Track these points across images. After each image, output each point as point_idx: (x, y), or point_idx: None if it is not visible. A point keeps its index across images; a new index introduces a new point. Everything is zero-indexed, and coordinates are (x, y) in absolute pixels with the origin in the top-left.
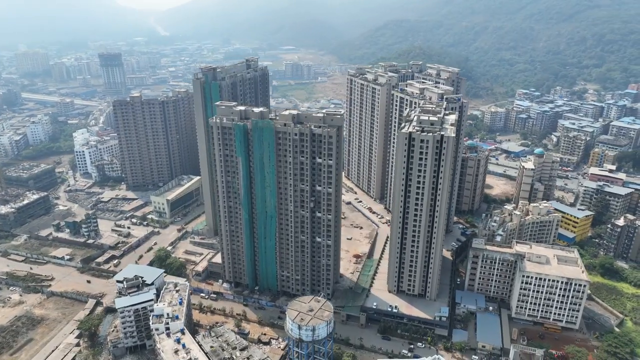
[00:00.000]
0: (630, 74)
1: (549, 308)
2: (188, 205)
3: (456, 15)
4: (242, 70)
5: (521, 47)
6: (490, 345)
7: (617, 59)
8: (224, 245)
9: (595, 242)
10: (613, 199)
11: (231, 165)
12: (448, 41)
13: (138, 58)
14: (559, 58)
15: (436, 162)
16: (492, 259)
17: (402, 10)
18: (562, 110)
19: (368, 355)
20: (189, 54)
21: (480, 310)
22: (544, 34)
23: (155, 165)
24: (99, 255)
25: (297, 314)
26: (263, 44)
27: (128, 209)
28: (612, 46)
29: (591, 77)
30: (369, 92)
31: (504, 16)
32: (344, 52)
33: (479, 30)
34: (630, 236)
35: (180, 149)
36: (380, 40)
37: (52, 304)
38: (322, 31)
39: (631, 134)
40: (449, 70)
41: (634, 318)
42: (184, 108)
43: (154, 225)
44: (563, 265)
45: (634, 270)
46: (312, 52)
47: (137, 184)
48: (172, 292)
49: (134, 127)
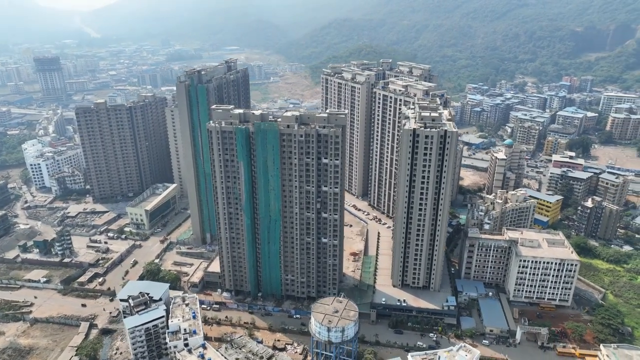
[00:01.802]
0: (561, 67)
1: (543, 289)
2: (166, 214)
3: (397, 13)
4: (223, 72)
5: (461, 43)
6: (497, 329)
7: (547, 53)
8: (224, 253)
9: (565, 224)
10: (576, 183)
11: (231, 170)
12: (392, 39)
13: (75, 62)
14: (497, 54)
15: (439, 157)
16: (487, 247)
17: (345, 9)
18: (512, 103)
19: (385, 350)
20: (127, 56)
21: (481, 296)
22: (481, 31)
23: (124, 175)
24: (80, 274)
25: (323, 316)
26: (205, 44)
27: (101, 223)
28: (542, 42)
29: (527, 71)
30: (347, 90)
31: (443, 14)
32: (291, 52)
33: (420, 28)
34: (598, 216)
35: (150, 157)
36: (326, 39)
37: (39, 332)
38: (265, 31)
39: (575, 122)
40: (420, 67)
41: (613, 291)
42: (152, 113)
43: (133, 238)
44: (553, 247)
45: (604, 247)
46: (258, 52)
47: (105, 196)
48: (182, 306)
49: (99, 136)
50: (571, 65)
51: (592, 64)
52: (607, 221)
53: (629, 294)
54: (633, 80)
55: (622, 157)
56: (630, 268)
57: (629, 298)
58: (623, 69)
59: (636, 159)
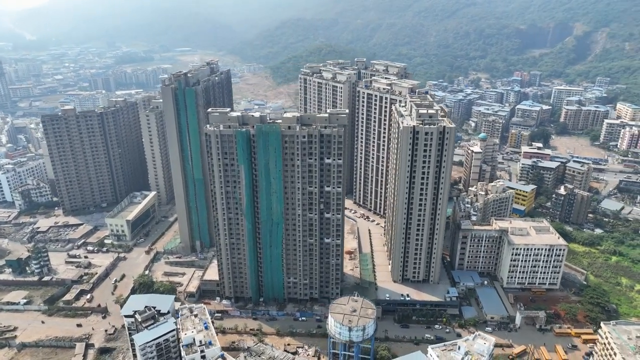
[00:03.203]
0: (510, 63)
1: (534, 274)
2: (146, 224)
3: (350, 13)
4: (207, 74)
5: (415, 42)
6: (498, 316)
7: (497, 50)
8: (223, 260)
9: (539, 211)
10: (546, 172)
11: (231, 175)
12: (347, 38)
13: (15, 66)
14: (450, 51)
15: (438, 152)
16: (479, 237)
17: (296, 9)
18: (473, 98)
19: (395, 345)
20: (72, 59)
21: (478, 285)
22: (433, 29)
23: (97, 184)
24: (64, 292)
25: (342, 316)
26: (154, 45)
27: (77, 237)
28: (491, 39)
29: (480, 67)
30: (328, 90)
31: (395, 13)
32: (246, 52)
33: (374, 27)
34: (570, 202)
35: (124, 164)
36: (282, 39)
37: (29, 357)
38: (215, 31)
39: (533, 115)
40: (397, 65)
41: (593, 272)
42: (124, 119)
43: (115, 250)
44: (541, 234)
45: (578, 231)
46: (210, 53)
47: (77, 208)
48: (191, 318)
49: (69, 144)
50: (519, 61)
51: (537, 59)
52: (579, 207)
53: (607, 274)
54: (575, 74)
55: (578, 146)
56: (604, 249)
57: (607, 277)
58: (565, 64)
59: (590, 147)
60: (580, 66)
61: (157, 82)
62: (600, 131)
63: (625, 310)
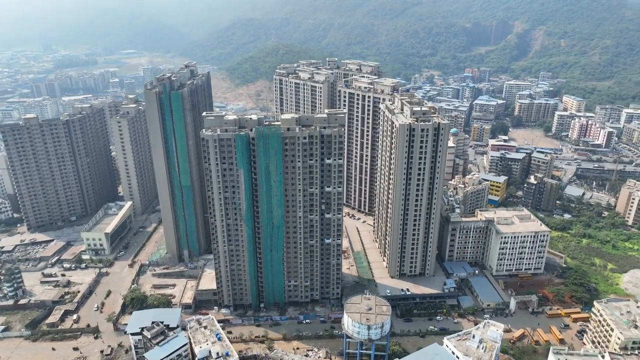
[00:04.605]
0: (459, 60)
1: (521, 260)
2: (124, 236)
3: (300, 13)
4: (187, 77)
5: (367, 41)
6: (493, 303)
7: (446, 48)
8: (222, 268)
9: (510, 201)
10: (514, 163)
11: (230, 180)
12: (299, 38)
13: None
14: (402, 49)
15: (434, 148)
16: (468, 229)
17: (243, 9)
18: (432, 95)
19: (403, 339)
20: (4, 64)
21: (470, 275)
22: (384, 29)
23: (64, 197)
24: (46, 315)
25: (359, 315)
26: (97, 48)
27: (50, 254)
28: (439, 37)
29: (431, 65)
30: (307, 90)
31: (345, 13)
32: (197, 54)
33: (326, 27)
34: (541, 191)
35: (92, 175)
36: (233, 40)
37: None
38: (159, 32)
39: (491, 109)
40: (370, 64)
41: (569, 255)
42: (92, 126)
43: (95, 265)
44: (524, 222)
45: (549, 217)
46: (158, 55)
47: (43, 223)
48: (201, 330)
49: (32, 156)
50: (467, 58)
51: (483, 56)
52: (549, 194)
53: (581, 256)
54: (519, 70)
55: (533, 138)
56: (574, 233)
57: (582, 259)
58: (509, 60)
59: (544, 138)
60: (523, 62)
61: (107, 87)
62: (552, 123)
63: (603, 288)
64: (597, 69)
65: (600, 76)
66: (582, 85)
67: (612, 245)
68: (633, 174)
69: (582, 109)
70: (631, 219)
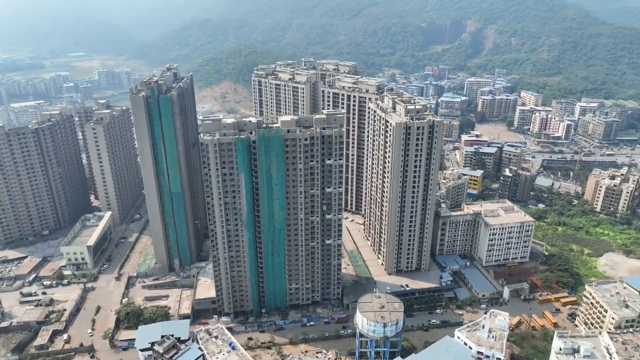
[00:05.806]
0: (418, 59)
1: (508, 250)
2: (105, 248)
3: (257, 13)
4: (171, 80)
5: (327, 41)
6: (488, 293)
7: (404, 47)
8: (222, 275)
9: (486, 193)
10: (487, 157)
11: (230, 185)
12: (257, 39)
13: None
14: (361, 49)
15: (429, 145)
16: (457, 222)
17: (198, 9)
18: None
19: (408, 335)
20: None
21: (462, 267)
22: (342, 29)
23: (35, 210)
24: (32, 337)
25: (373, 313)
26: (41, 51)
27: (26, 272)
28: (397, 37)
29: (391, 64)
30: (288, 91)
31: (303, 13)
32: (152, 56)
33: (284, 27)
34: (516, 182)
35: (65, 185)
36: (190, 41)
37: None
38: (109, 34)
39: (456, 106)
40: (347, 64)
41: (548, 242)
42: (62, 134)
43: (79, 281)
44: (509, 213)
45: (525, 208)
46: (110, 57)
47: (13, 239)
48: (212, 340)
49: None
50: (425, 56)
51: (440, 54)
52: (523, 186)
53: (559, 243)
54: (475, 67)
55: (498, 132)
56: (550, 222)
57: (561, 246)
58: (465, 58)
59: (508, 132)
60: (478, 59)
61: (61, 92)
62: (514, 117)
63: (584, 272)
64: (547, 65)
65: (550, 72)
66: (535, 81)
67: (585, 231)
68: (593, 164)
69: (539, 104)
70: (599, 206)
